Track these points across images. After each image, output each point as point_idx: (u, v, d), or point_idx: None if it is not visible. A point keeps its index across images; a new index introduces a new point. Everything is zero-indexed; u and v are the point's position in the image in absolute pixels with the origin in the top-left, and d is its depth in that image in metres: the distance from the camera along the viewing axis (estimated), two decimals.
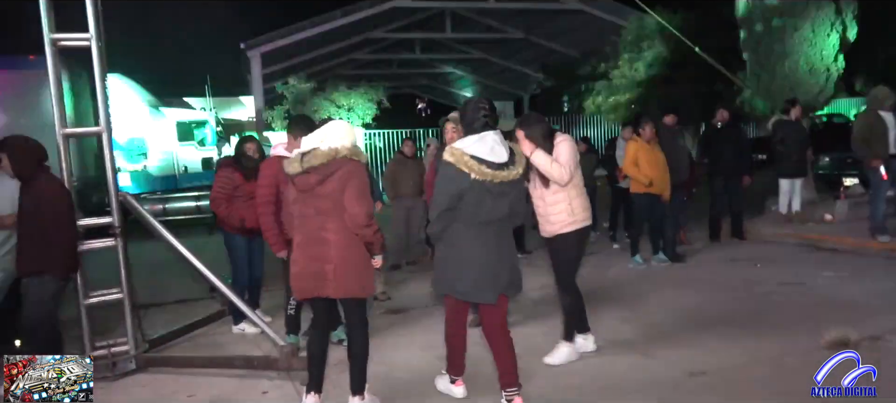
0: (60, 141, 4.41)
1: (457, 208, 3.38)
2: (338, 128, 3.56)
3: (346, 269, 3.48)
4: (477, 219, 3.40)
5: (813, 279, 6.22)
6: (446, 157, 3.37)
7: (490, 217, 3.42)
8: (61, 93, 4.41)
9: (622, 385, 3.99)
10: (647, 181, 6.93)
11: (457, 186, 3.33)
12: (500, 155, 3.39)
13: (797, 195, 8.56)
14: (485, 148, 3.36)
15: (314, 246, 3.49)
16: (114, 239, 4.63)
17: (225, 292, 4.82)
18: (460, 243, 3.45)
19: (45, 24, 4.27)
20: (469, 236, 3.43)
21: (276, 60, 19.84)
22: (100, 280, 4.86)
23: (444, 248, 3.53)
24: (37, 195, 4.11)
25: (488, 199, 3.37)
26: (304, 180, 3.46)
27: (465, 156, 3.32)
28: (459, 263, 3.48)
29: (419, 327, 5.38)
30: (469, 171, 3.30)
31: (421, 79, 30.98)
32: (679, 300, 5.81)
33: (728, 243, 8.24)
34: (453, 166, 3.33)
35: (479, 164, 3.31)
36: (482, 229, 3.44)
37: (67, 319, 4.76)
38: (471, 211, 3.38)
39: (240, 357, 4.61)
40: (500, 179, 3.36)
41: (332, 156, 3.40)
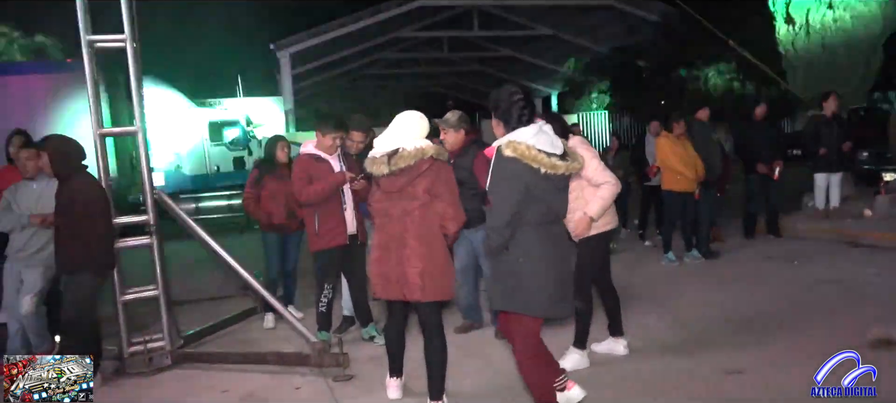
0: (96, 140, 4.50)
1: (524, 209, 3.01)
2: (414, 122, 3.45)
3: (433, 274, 3.40)
4: (544, 220, 3.06)
5: (852, 276, 6.06)
6: (508, 153, 2.96)
7: (555, 215, 3.14)
8: (97, 94, 4.49)
9: (658, 384, 3.92)
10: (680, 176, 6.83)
11: (524, 184, 2.96)
12: (559, 147, 3.08)
13: (835, 190, 8.34)
14: (546, 140, 3.03)
15: (398, 250, 3.40)
16: (149, 236, 4.70)
17: (257, 288, 4.87)
18: (534, 249, 3.04)
19: (81, 25, 4.36)
20: (537, 241, 3.05)
21: (305, 60, 20.03)
22: (136, 277, 4.96)
23: (514, 259, 3.06)
24: (73, 194, 4.20)
25: (551, 196, 3.06)
26: (391, 182, 3.38)
27: (532, 150, 2.95)
28: (537, 273, 3.05)
29: None
30: (538, 166, 2.95)
31: (449, 77, 30.97)
32: (714, 298, 5.70)
33: (763, 240, 8.06)
34: (519, 162, 2.94)
35: (548, 157, 2.97)
36: (548, 231, 3.10)
37: (104, 316, 4.86)
38: (539, 210, 3.02)
39: (272, 353, 4.65)
40: (562, 172, 3.02)
41: (420, 157, 3.33)
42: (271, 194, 5.45)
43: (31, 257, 4.65)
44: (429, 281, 3.39)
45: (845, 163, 8.50)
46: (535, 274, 3.05)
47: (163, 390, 4.34)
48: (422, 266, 3.38)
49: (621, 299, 4.51)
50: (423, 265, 3.38)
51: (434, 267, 3.42)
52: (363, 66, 24.23)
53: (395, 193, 3.40)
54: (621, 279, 6.58)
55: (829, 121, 8.10)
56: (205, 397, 4.18)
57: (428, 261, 3.40)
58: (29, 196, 4.67)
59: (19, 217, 4.60)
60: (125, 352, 4.66)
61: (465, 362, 4.42)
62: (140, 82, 4.59)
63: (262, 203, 5.48)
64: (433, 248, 3.43)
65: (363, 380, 4.21)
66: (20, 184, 4.73)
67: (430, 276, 3.40)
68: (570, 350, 4.25)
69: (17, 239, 4.65)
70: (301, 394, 4.11)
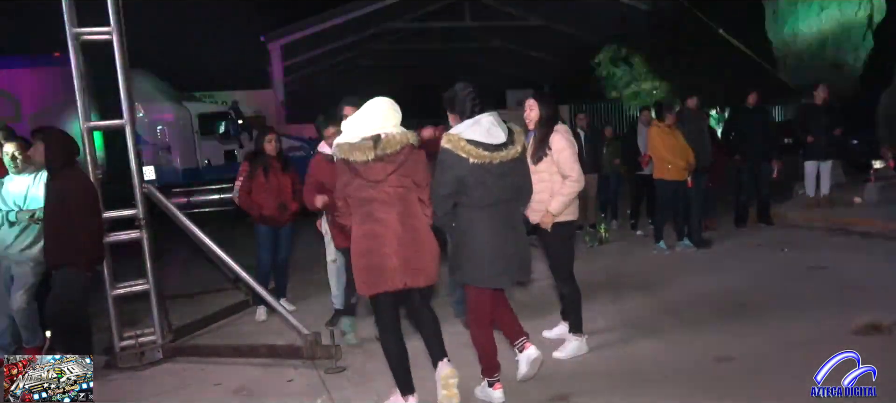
0: (84, 134, 4.47)
1: (460, 193, 3.37)
2: (393, 108, 3.39)
3: (437, 256, 3.46)
4: (484, 202, 3.40)
5: (842, 263, 6.10)
6: (443, 144, 3.36)
7: (496, 198, 3.42)
8: (84, 87, 4.46)
9: (648, 370, 3.95)
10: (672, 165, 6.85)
11: (455, 172, 3.33)
12: (498, 136, 3.38)
13: (825, 178, 8.39)
14: (481, 131, 3.36)
15: (409, 234, 3.33)
16: (139, 230, 4.68)
17: (249, 281, 4.86)
18: (472, 229, 3.44)
19: (66, 18, 4.32)
20: (480, 221, 3.42)
21: (296, 52, 19.89)
22: (126, 272, 4.94)
23: (457, 236, 3.51)
24: (62, 188, 4.17)
25: (490, 181, 3.37)
26: (375, 169, 3.26)
27: (462, 141, 3.31)
28: (473, 250, 3.45)
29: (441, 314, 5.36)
30: (467, 156, 3.30)
31: (441, 69, 30.85)
32: (705, 285, 5.73)
33: (754, 228, 8.10)
34: (451, 152, 3.32)
35: (476, 148, 3.31)
36: (491, 212, 3.43)
37: (95, 310, 4.84)
38: (476, 194, 3.38)
39: (264, 346, 4.65)
40: (499, 160, 3.36)
41: (406, 142, 3.32)
42: (262, 187, 5.44)
43: (21, 253, 4.62)
44: (436, 264, 3.45)
45: (835, 150, 8.54)
46: (476, 250, 3.44)
47: (155, 384, 4.33)
48: (434, 249, 3.43)
49: (612, 287, 4.56)
50: (433, 248, 3.43)
51: (436, 248, 3.47)
52: (355, 58, 24.10)
53: (381, 181, 3.30)
54: (612, 268, 6.64)
55: (819, 109, 8.13)
56: (197, 390, 4.17)
57: (433, 244, 3.45)
58: (17, 190, 4.63)
59: (7, 213, 4.57)
60: (117, 347, 4.65)
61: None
62: (127, 75, 4.56)
63: (253, 196, 5.47)
64: (430, 231, 3.46)
65: (355, 372, 4.21)
66: (6, 179, 4.68)
67: (436, 259, 3.45)
68: (568, 338, 4.28)
69: (7, 234, 4.61)
70: (293, 387, 4.11)
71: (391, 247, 3.31)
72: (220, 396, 4.04)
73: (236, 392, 4.08)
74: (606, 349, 4.33)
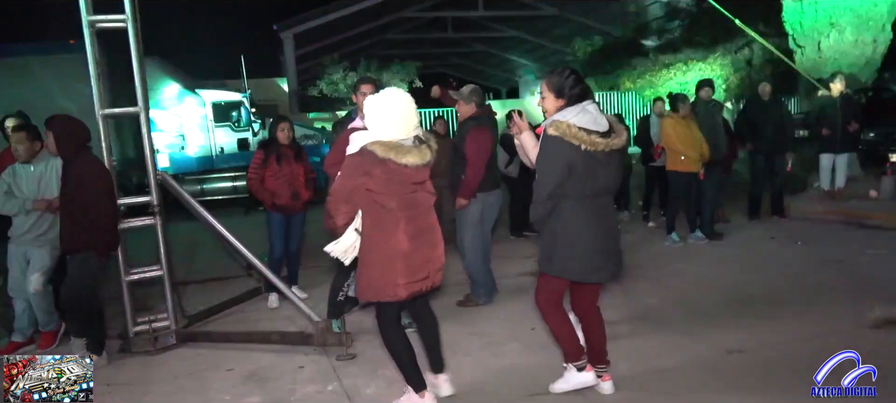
0: (100, 121, 4.50)
1: (565, 184, 3.22)
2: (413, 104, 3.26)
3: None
4: (588, 192, 3.26)
5: (856, 257, 6.04)
6: (551, 132, 3.18)
7: (601, 189, 3.31)
8: (99, 74, 4.48)
9: (659, 362, 3.94)
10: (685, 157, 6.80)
11: (566, 160, 3.17)
12: (603, 124, 3.25)
13: (841, 171, 8.30)
14: (589, 118, 3.21)
15: (435, 234, 3.35)
16: (153, 217, 4.72)
17: (261, 269, 4.89)
18: (572, 221, 3.28)
19: (82, 5, 4.34)
20: (581, 212, 3.28)
21: (308, 41, 19.90)
22: (139, 258, 4.98)
23: (554, 227, 3.32)
24: (78, 175, 4.21)
25: (599, 170, 3.24)
26: (420, 172, 3.23)
27: (573, 128, 3.15)
28: (572, 242, 3.29)
29: (454, 303, 5.38)
30: (579, 143, 3.15)
31: (453, 58, 30.79)
32: (717, 278, 5.70)
33: (768, 221, 8.04)
34: (561, 139, 3.16)
35: (587, 135, 3.16)
36: (593, 203, 3.30)
37: (109, 296, 4.90)
38: (581, 184, 3.23)
39: (276, 333, 4.68)
40: (609, 148, 3.23)
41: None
42: (275, 175, 5.47)
43: (38, 238, 4.68)
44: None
45: (851, 143, 8.44)
46: (572, 244, 3.29)
47: (168, 368, 4.37)
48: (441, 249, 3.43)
49: (624, 279, 4.52)
50: (443, 248, 3.44)
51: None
52: (367, 47, 24.08)
53: (422, 182, 3.27)
54: (624, 259, 6.60)
55: (835, 102, 8.04)
56: (209, 375, 4.21)
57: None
58: (29, 179, 4.68)
59: (23, 201, 4.62)
60: (130, 332, 4.70)
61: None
62: (141, 62, 4.58)
63: (266, 183, 5.50)
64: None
65: (366, 359, 4.23)
66: (18, 167, 4.71)
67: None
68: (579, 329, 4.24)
69: (23, 221, 4.67)
70: (304, 373, 4.14)
71: (431, 248, 3.32)
72: (233, 381, 4.08)
73: (248, 377, 4.12)
74: (617, 340, 4.29)
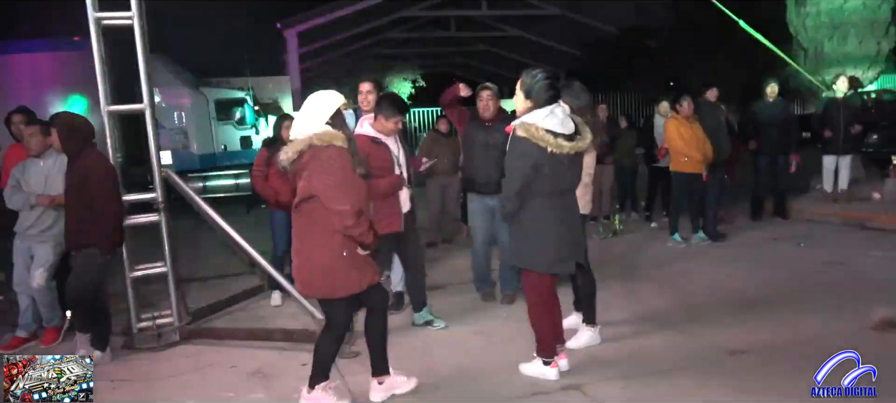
0: (105, 117, 4.52)
1: (531, 182, 3.42)
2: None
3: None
4: (554, 190, 3.49)
5: (858, 259, 6.05)
6: (520, 133, 3.39)
7: (566, 186, 3.56)
8: (105, 71, 4.50)
9: (661, 362, 3.95)
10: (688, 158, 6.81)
11: (533, 160, 3.37)
12: (569, 127, 3.46)
13: (844, 173, 8.30)
14: (555, 121, 3.40)
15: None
16: (158, 214, 4.73)
17: (265, 266, 4.90)
18: (541, 216, 3.51)
19: (89, 2, 4.36)
20: (548, 208, 3.50)
21: (312, 39, 19.88)
22: (142, 255, 4.99)
23: (524, 223, 3.55)
24: (83, 171, 4.22)
25: (563, 170, 3.47)
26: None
27: (540, 131, 3.35)
28: (541, 236, 3.53)
29: (457, 303, 5.41)
30: (545, 145, 3.34)
31: (456, 57, 30.77)
32: (719, 278, 5.71)
33: (770, 222, 8.05)
34: (528, 141, 3.36)
35: (553, 137, 3.35)
36: (559, 200, 3.54)
37: (114, 291, 4.92)
38: (549, 183, 3.45)
39: (279, 330, 4.70)
40: (574, 150, 3.45)
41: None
42: (278, 173, 5.45)
43: (42, 233, 4.69)
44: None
45: (854, 145, 8.44)
46: (540, 237, 3.53)
47: (172, 365, 4.39)
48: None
49: (627, 279, 4.56)
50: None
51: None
52: (370, 46, 24.06)
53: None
54: (626, 259, 6.63)
55: (839, 104, 8.04)
56: (213, 372, 4.23)
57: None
58: (37, 174, 4.69)
59: (28, 196, 4.64)
60: (134, 328, 4.72)
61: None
62: (147, 59, 4.59)
63: (269, 181, 5.50)
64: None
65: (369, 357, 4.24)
66: (28, 162, 4.74)
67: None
68: (582, 328, 4.30)
69: (27, 216, 4.69)
70: (308, 370, 4.13)
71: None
72: (237, 378, 4.09)
73: (252, 374, 4.13)
74: (620, 340, 4.33)
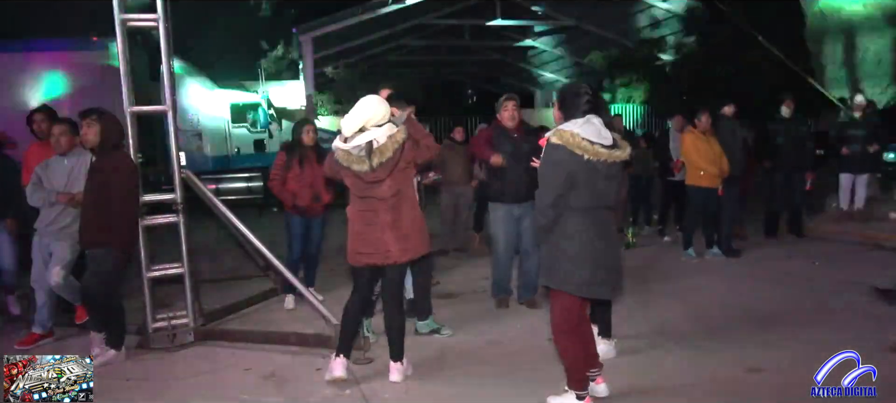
0: (128, 118, 4.56)
1: (565, 195, 3.25)
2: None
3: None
4: (590, 204, 3.29)
5: (875, 279, 5.97)
6: (554, 141, 3.23)
7: (602, 201, 3.34)
8: (129, 71, 4.54)
9: (677, 377, 3.93)
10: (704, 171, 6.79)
11: (568, 169, 3.20)
12: (607, 137, 3.28)
13: (860, 191, 8.24)
14: (593, 130, 3.24)
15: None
16: (176, 214, 4.76)
17: (281, 270, 4.92)
18: (575, 232, 3.28)
19: (115, 4, 4.41)
20: (584, 224, 3.29)
21: (327, 45, 20.01)
22: (157, 255, 5.02)
23: (557, 239, 3.33)
24: (110, 170, 4.26)
25: (600, 181, 3.28)
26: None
27: (577, 138, 3.19)
28: (577, 254, 3.29)
29: (469, 311, 5.40)
30: (582, 153, 3.18)
31: (470, 66, 30.85)
32: (734, 295, 5.68)
33: (785, 239, 7.99)
34: (564, 148, 3.20)
35: (591, 145, 3.20)
36: (595, 215, 3.32)
37: (129, 290, 4.94)
38: (584, 195, 3.26)
39: (294, 334, 4.71)
40: (613, 159, 3.27)
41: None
42: (296, 177, 5.49)
43: (61, 231, 4.72)
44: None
45: (872, 163, 8.39)
46: (574, 256, 3.29)
47: (187, 365, 4.41)
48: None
49: (641, 293, 4.52)
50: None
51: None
52: (385, 53, 24.17)
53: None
54: (640, 273, 6.60)
55: (856, 121, 7.99)
56: (227, 374, 4.24)
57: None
58: (60, 172, 4.72)
59: (49, 194, 4.68)
60: (149, 327, 4.74)
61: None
62: (171, 61, 4.64)
63: (287, 185, 5.52)
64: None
65: (383, 364, 4.23)
66: (52, 160, 4.78)
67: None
68: (597, 342, 4.19)
69: (47, 213, 4.73)
70: (322, 376, 4.15)
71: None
72: (252, 381, 4.10)
73: (267, 378, 4.13)
74: (635, 354, 4.31)
